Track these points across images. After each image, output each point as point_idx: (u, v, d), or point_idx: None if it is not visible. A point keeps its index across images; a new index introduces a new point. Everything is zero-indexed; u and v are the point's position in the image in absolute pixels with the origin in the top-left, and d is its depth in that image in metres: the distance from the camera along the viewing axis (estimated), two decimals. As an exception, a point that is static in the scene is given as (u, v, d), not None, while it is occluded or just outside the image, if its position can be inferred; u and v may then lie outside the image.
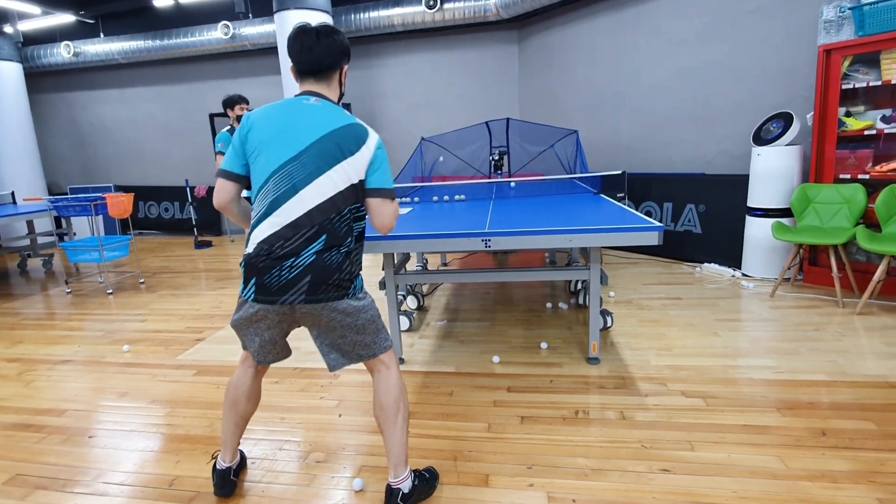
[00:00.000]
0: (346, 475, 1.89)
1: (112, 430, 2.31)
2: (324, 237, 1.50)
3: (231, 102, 4.27)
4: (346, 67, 1.66)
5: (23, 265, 6.10)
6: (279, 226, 1.50)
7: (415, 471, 1.75)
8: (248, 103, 4.29)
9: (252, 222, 1.57)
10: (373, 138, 1.56)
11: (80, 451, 2.14)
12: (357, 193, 1.55)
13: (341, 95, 1.70)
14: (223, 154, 4.22)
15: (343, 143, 1.51)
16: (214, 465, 1.81)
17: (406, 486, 1.66)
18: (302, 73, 1.61)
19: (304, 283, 1.49)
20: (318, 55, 1.56)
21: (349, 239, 1.56)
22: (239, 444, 1.85)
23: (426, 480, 1.75)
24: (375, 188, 1.55)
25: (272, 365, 2.89)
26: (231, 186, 1.59)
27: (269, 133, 1.53)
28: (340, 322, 1.57)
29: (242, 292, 1.58)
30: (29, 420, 2.43)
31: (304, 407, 2.43)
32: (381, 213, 1.57)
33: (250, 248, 1.54)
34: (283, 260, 1.49)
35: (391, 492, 1.66)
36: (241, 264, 1.58)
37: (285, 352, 1.74)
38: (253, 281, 1.53)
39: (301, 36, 1.56)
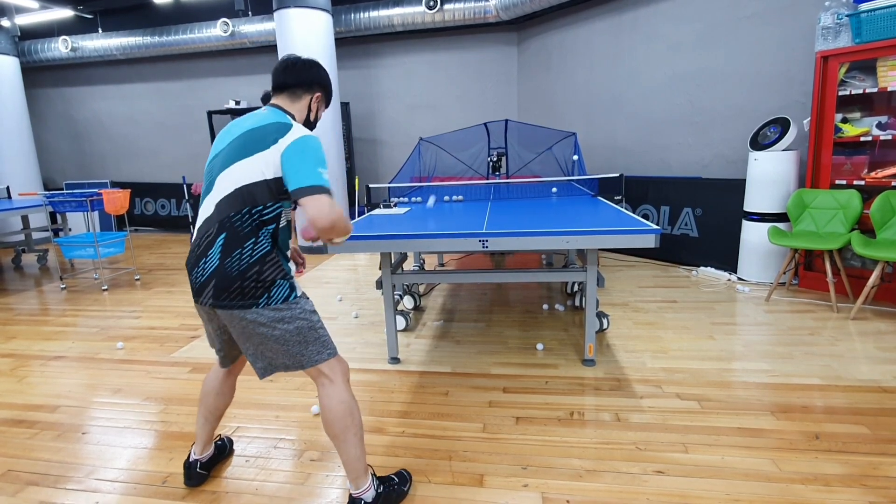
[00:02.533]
0: (340, 474, 1.89)
1: (105, 426, 2.30)
2: (223, 236, 1.45)
3: (265, 101, 4.25)
4: (318, 95, 1.64)
5: (17, 260, 6.07)
6: (202, 220, 1.53)
7: (382, 477, 1.73)
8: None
9: None
10: (293, 135, 1.44)
11: (72, 448, 2.13)
12: (266, 192, 1.44)
13: (311, 123, 1.67)
14: None
15: (257, 138, 1.45)
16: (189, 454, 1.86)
17: (368, 496, 1.63)
18: (273, 90, 1.64)
19: (209, 287, 1.48)
20: (289, 74, 1.60)
21: (251, 241, 1.46)
22: (210, 438, 1.86)
23: (395, 485, 1.72)
24: (296, 188, 1.38)
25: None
26: None
27: (218, 140, 1.60)
28: (254, 331, 1.49)
29: None
30: (21, 416, 2.41)
31: (299, 405, 2.42)
32: (309, 208, 1.37)
33: None
34: (199, 260, 1.51)
35: (353, 501, 1.63)
36: None
37: (232, 349, 1.73)
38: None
39: (282, 60, 1.63)
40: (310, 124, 1.67)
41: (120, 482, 1.88)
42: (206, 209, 1.52)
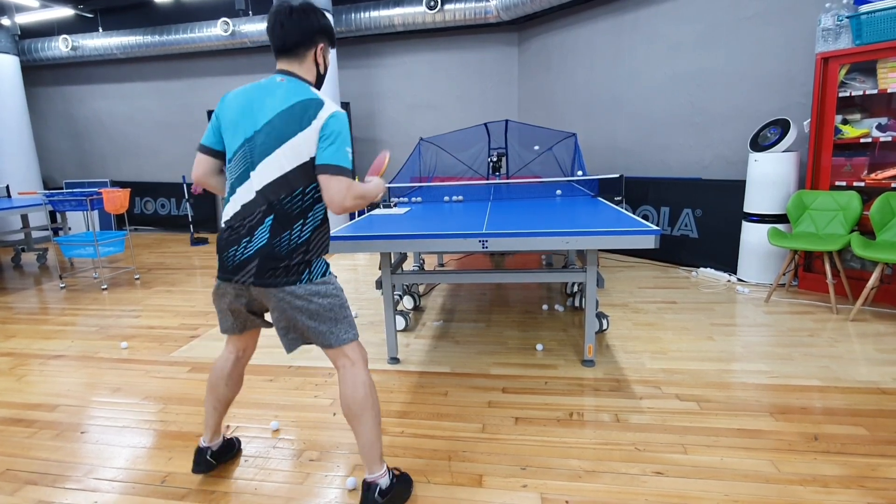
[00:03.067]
0: (339, 474, 1.89)
1: (104, 425, 2.29)
2: (272, 217, 1.49)
3: None
4: (322, 45, 1.59)
5: (17, 259, 6.06)
6: (239, 205, 1.54)
7: (397, 472, 1.74)
8: None
9: (225, 199, 1.61)
10: (326, 111, 1.46)
11: (71, 447, 2.13)
12: (311, 172, 1.48)
13: (321, 76, 1.64)
14: None
15: (294, 119, 1.46)
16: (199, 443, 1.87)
17: (384, 482, 1.64)
18: (275, 51, 1.57)
19: (251, 266, 1.51)
20: (289, 32, 1.52)
21: (301, 221, 1.51)
22: (219, 426, 1.86)
23: (405, 482, 1.73)
24: (322, 164, 1.45)
25: (266, 363, 2.89)
26: (205, 160, 1.62)
27: (234, 113, 1.55)
28: (290, 304, 1.53)
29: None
30: (20, 415, 2.41)
31: (298, 405, 2.42)
32: (329, 188, 1.44)
33: (221, 224, 1.60)
34: (240, 240, 1.52)
35: (368, 486, 1.63)
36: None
37: (250, 326, 1.74)
38: (219, 257, 1.60)
39: (275, 14, 1.53)
40: (321, 78, 1.64)
41: (119, 481, 1.88)
42: (247, 193, 1.52)
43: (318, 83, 1.63)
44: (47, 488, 1.85)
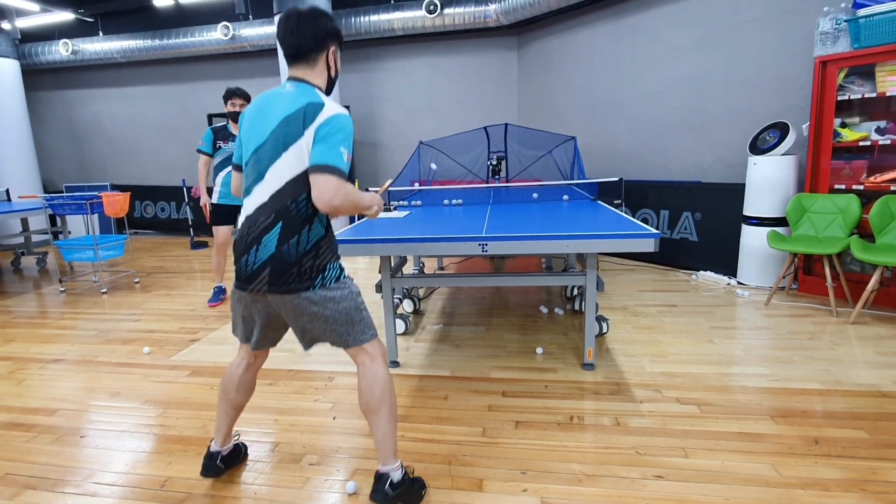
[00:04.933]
0: (339, 478, 1.88)
1: (104, 430, 2.29)
2: (279, 224, 1.51)
3: (226, 96, 4.03)
4: (333, 49, 1.59)
5: (16, 263, 6.06)
6: (250, 210, 1.56)
7: (409, 467, 1.76)
8: (243, 97, 4.01)
9: None
10: (325, 113, 1.45)
11: (70, 451, 2.12)
12: (306, 185, 1.49)
13: (332, 79, 1.65)
14: (201, 153, 4.18)
15: (296, 124, 1.46)
16: (209, 446, 1.86)
17: (396, 475, 1.66)
18: (287, 58, 1.58)
19: (264, 274, 1.54)
20: (299, 39, 1.53)
21: (307, 227, 1.52)
22: (230, 432, 1.87)
23: (418, 484, 1.74)
24: (312, 164, 1.43)
25: (266, 366, 2.89)
26: (238, 177, 1.74)
27: (248, 124, 1.60)
28: (306, 310, 1.56)
29: None
30: (19, 419, 2.41)
31: (298, 409, 2.42)
32: (316, 184, 1.41)
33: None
34: (251, 247, 1.55)
35: (379, 476, 1.66)
36: None
37: (268, 334, 1.73)
38: (235, 267, 1.62)
39: (284, 21, 1.55)
40: (332, 81, 1.65)
41: (118, 486, 1.88)
42: (258, 198, 1.55)
43: (330, 86, 1.66)
44: (46, 493, 1.85)
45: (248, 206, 1.57)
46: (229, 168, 4.09)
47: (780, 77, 4.23)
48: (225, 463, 1.88)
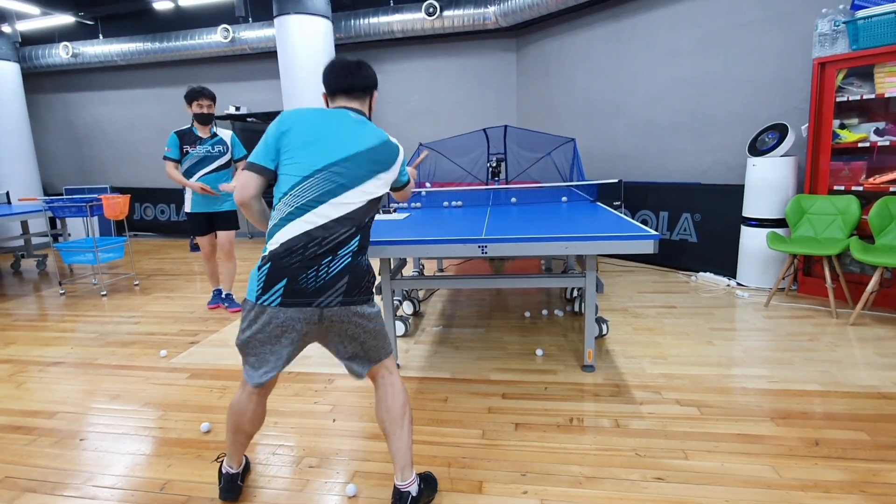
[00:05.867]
0: (339, 480, 1.88)
1: (103, 432, 2.29)
2: (358, 238, 1.59)
3: (190, 97, 3.72)
4: (376, 94, 1.81)
5: (16, 265, 6.06)
6: (313, 225, 1.50)
7: (419, 474, 1.76)
8: (210, 98, 3.76)
9: (277, 220, 1.53)
10: (401, 152, 1.75)
11: (70, 454, 2.12)
12: (378, 204, 1.68)
13: (369, 118, 1.81)
14: (169, 159, 3.75)
15: (384, 158, 1.65)
16: (220, 468, 1.81)
17: (414, 490, 1.67)
18: (341, 91, 1.71)
19: (342, 283, 1.53)
20: (363, 79, 1.72)
21: (368, 245, 1.68)
22: (244, 452, 1.85)
23: (430, 484, 1.76)
24: (402, 183, 1.85)
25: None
26: (259, 181, 1.57)
27: (310, 136, 1.57)
28: (364, 328, 1.61)
29: (259, 299, 1.50)
30: (19, 422, 2.40)
31: (298, 411, 2.41)
32: (405, 192, 1.94)
33: (276, 246, 1.50)
34: (323, 258, 1.50)
35: (400, 494, 1.65)
36: (261, 266, 1.51)
37: (290, 361, 1.66)
38: (282, 283, 1.47)
39: (342, 64, 1.72)
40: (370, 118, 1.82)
41: (118, 489, 1.88)
42: (329, 215, 1.52)
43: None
44: (46, 496, 1.84)
45: (314, 220, 1.50)
46: (203, 172, 3.79)
47: (778, 79, 4.24)
48: (243, 480, 1.85)
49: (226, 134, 3.94)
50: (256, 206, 1.62)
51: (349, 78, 1.69)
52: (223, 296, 4.17)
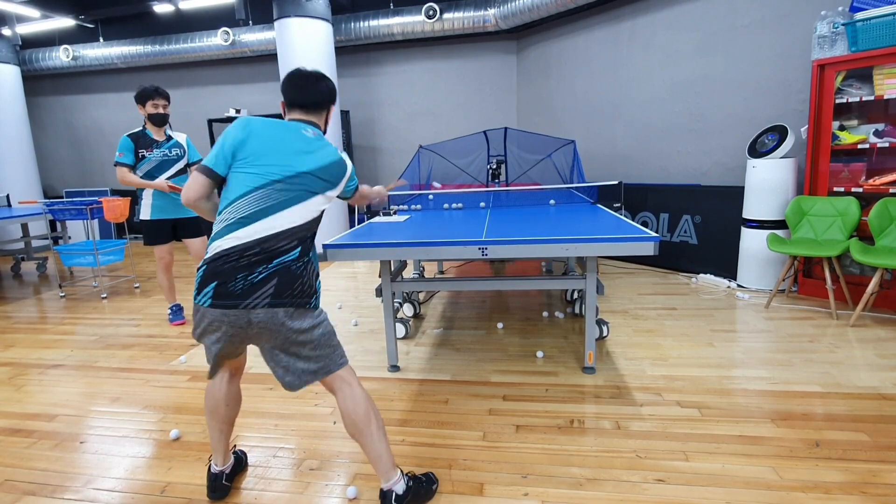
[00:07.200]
0: (339, 483, 1.88)
1: (104, 435, 2.29)
2: (300, 248, 1.59)
3: (143, 97, 3.52)
4: (332, 109, 1.84)
5: (16, 268, 6.06)
6: (256, 236, 1.52)
7: (412, 475, 1.75)
8: (165, 97, 3.58)
9: (221, 227, 1.54)
10: (349, 166, 1.77)
11: (70, 457, 2.12)
12: (320, 219, 1.70)
13: (324, 132, 1.83)
14: (123, 165, 3.49)
15: (334, 175, 1.69)
16: (209, 468, 1.82)
17: (399, 488, 1.66)
18: (298, 105, 1.74)
19: (269, 286, 1.52)
20: (320, 93, 1.74)
21: (312, 250, 1.67)
22: (228, 447, 1.84)
23: (423, 484, 1.75)
24: (352, 193, 1.89)
25: (266, 370, 2.88)
26: (208, 185, 1.60)
27: (265, 148, 1.59)
28: (295, 339, 1.57)
29: (195, 298, 1.55)
30: (19, 425, 2.40)
31: (298, 414, 2.41)
32: (355, 200, 2.06)
33: (213, 252, 1.53)
34: (254, 266, 1.51)
35: (384, 495, 1.67)
36: (199, 267, 1.56)
37: (239, 351, 1.71)
38: (212, 285, 1.51)
39: (300, 76, 1.74)
40: (324, 132, 1.84)
41: (118, 491, 1.87)
42: (280, 223, 1.55)
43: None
44: (46, 499, 1.84)
45: (259, 230, 1.52)
46: (162, 178, 3.56)
47: (778, 81, 4.25)
48: (230, 479, 1.85)
49: (181, 136, 3.77)
50: (205, 205, 1.64)
51: (306, 92, 1.72)
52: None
